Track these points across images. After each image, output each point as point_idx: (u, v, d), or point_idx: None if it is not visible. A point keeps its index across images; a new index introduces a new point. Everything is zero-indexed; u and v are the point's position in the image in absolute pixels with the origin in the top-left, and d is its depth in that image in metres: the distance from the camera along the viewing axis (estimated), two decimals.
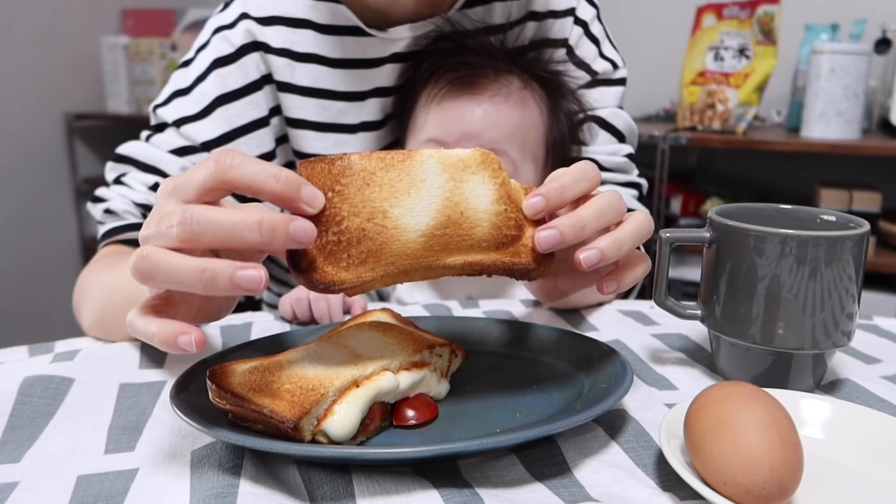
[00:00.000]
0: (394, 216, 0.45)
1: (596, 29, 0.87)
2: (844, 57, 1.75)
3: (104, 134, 2.68)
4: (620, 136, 0.88)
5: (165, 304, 0.46)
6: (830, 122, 1.78)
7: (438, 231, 0.46)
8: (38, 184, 2.51)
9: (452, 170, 0.47)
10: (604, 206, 0.49)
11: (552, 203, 0.48)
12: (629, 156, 0.88)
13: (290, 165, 0.86)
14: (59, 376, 0.58)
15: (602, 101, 0.87)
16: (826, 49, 1.76)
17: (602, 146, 0.87)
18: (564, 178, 0.49)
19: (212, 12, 0.87)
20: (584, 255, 0.48)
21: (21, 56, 2.39)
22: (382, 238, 0.45)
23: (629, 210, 0.53)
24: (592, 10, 0.87)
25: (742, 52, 1.92)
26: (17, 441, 0.50)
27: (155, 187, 0.78)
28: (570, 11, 0.85)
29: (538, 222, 0.49)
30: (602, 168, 0.86)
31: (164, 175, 0.78)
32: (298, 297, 0.72)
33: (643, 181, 0.90)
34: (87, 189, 2.54)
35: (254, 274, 0.41)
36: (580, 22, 0.86)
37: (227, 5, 0.84)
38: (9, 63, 2.36)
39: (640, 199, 0.89)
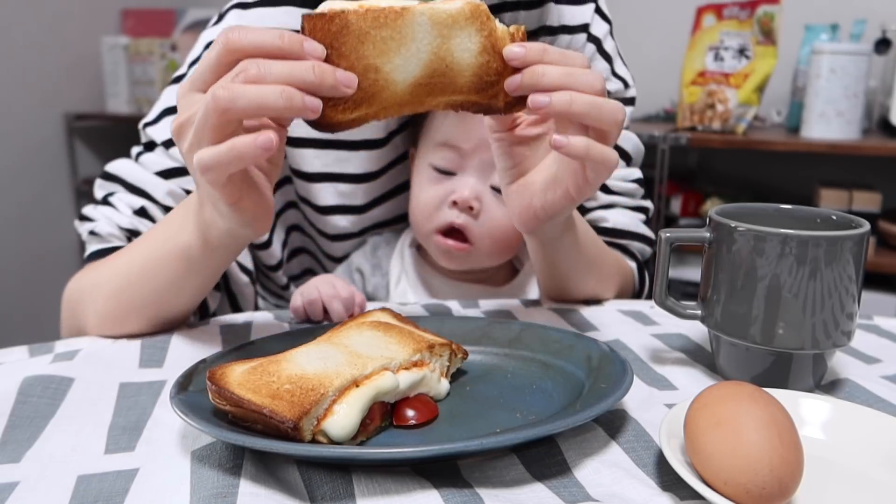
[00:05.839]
0: (385, 71, 0.52)
1: (609, 46, 0.86)
2: (844, 57, 1.74)
3: (104, 134, 2.68)
4: (628, 158, 0.87)
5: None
6: (830, 122, 1.78)
7: (424, 81, 0.53)
8: (38, 184, 2.51)
9: (441, 27, 0.52)
10: (573, 70, 0.53)
11: (531, 58, 0.53)
12: (637, 181, 0.87)
13: (285, 182, 0.85)
14: (59, 376, 0.58)
15: None
16: (826, 49, 1.76)
17: None
18: (550, 47, 0.54)
19: (212, 13, 0.86)
20: (533, 97, 0.53)
21: (21, 56, 2.39)
22: (374, 89, 0.52)
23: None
24: (606, 26, 0.86)
25: (742, 52, 1.92)
26: (17, 441, 0.50)
27: (140, 211, 0.76)
28: (584, 27, 0.84)
29: (517, 70, 0.54)
30: (611, 192, 0.85)
31: (149, 198, 0.76)
32: (312, 299, 0.71)
33: (649, 204, 0.89)
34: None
35: (313, 100, 0.50)
36: (593, 39, 0.84)
37: (220, 17, 0.82)
38: (9, 63, 2.36)
39: (647, 222, 0.88)
